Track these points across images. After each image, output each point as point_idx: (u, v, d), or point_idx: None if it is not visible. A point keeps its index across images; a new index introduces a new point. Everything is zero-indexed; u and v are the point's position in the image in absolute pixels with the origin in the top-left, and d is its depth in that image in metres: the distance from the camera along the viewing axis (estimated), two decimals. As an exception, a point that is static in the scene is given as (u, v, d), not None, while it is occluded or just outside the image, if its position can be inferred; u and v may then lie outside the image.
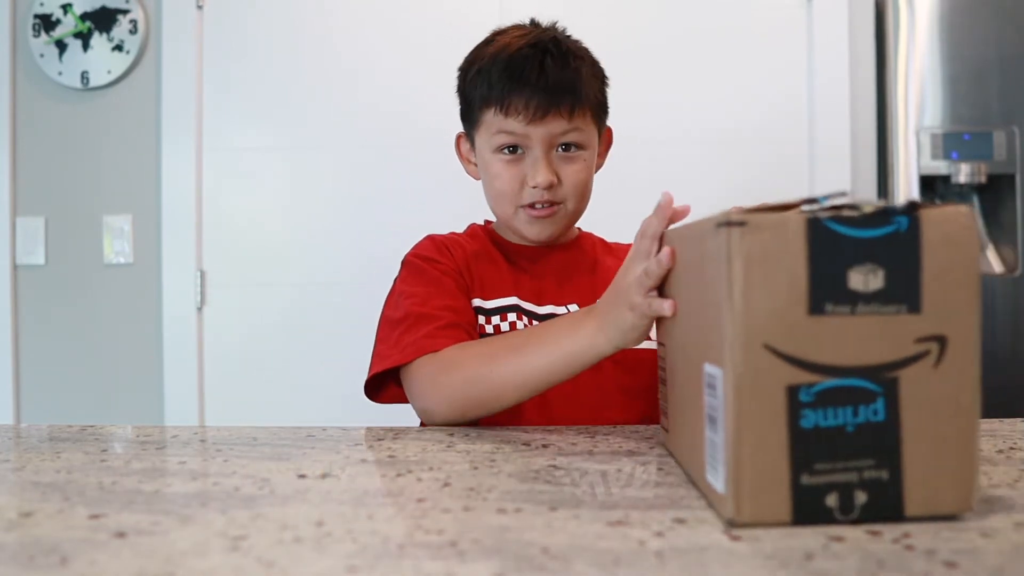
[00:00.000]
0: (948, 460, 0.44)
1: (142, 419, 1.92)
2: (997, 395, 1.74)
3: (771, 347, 0.44)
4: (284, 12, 1.95)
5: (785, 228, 0.43)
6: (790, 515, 0.44)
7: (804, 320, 0.44)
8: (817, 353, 0.44)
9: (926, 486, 0.44)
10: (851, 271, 0.43)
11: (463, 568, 0.39)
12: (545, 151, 0.91)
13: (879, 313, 0.43)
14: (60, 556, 0.41)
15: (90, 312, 1.95)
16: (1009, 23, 1.75)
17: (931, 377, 0.44)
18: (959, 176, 1.74)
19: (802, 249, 0.43)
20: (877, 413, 0.44)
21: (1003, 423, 0.77)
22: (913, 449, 0.44)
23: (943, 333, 0.44)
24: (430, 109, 1.88)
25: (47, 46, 1.93)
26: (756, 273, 0.43)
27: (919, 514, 0.44)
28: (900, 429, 0.44)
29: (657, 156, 1.87)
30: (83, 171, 1.95)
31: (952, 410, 0.44)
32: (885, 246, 0.43)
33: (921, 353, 0.44)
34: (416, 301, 0.89)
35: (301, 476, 0.58)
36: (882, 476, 0.44)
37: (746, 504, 0.44)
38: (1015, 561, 0.40)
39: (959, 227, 0.44)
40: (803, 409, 0.44)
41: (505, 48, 0.92)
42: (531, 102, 0.89)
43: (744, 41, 1.90)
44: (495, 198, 0.95)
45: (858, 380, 0.44)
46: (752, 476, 0.44)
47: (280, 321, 1.94)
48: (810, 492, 0.44)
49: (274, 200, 1.96)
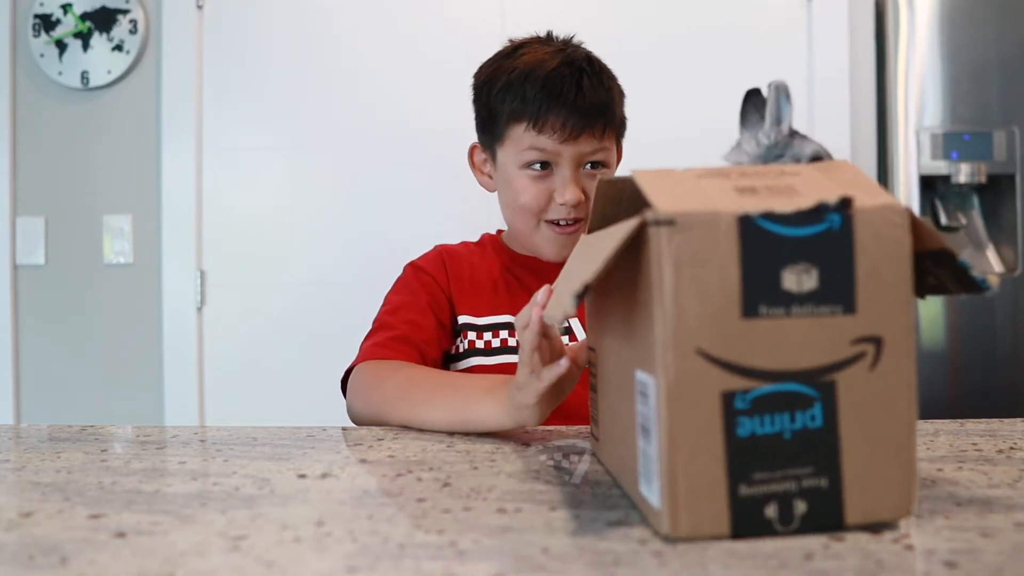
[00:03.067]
0: (886, 466, 0.43)
1: (142, 419, 1.92)
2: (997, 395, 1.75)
3: (704, 352, 0.41)
4: (284, 12, 1.95)
5: (716, 226, 0.41)
6: (728, 528, 0.42)
7: (738, 323, 0.41)
8: (752, 358, 0.41)
9: (865, 493, 0.43)
10: (784, 271, 0.41)
11: (463, 568, 0.39)
12: (574, 169, 0.92)
13: (814, 314, 0.42)
14: (60, 556, 0.41)
15: (90, 312, 1.95)
16: (1009, 23, 1.75)
17: (867, 380, 0.42)
18: (959, 176, 1.74)
19: (734, 248, 0.41)
20: (815, 419, 0.42)
21: (1003, 423, 0.77)
22: (852, 455, 0.42)
23: (878, 334, 0.42)
24: (430, 109, 1.88)
25: (47, 46, 1.93)
26: (686, 275, 0.41)
27: (859, 522, 0.43)
28: (838, 435, 0.42)
29: (657, 156, 1.86)
30: (83, 171, 1.95)
31: (889, 414, 0.43)
32: (818, 244, 0.41)
33: (857, 355, 0.42)
34: (388, 309, 0.96)
35: (301, 476, 0.58)
36: (821, 484, 0.42)
37: (682, 518, 0.42)
38: (1015, 561, 0.40)
39: (891, 225, 0.42)
40: (739, 416, 0.42)
41: (540, 64, 0.92)
42: (568, 121, 0.89)
43: (744, 41, 1.90)
44: (518, 212, 0.95)
45: (795, 385, 0.42)
46: (688, 488, 0.42)
47: (280, 321, 1.94)
48: (748, 503, 0.42)
49: (274, 200, 1.96)
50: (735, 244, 0.41)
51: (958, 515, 0.47)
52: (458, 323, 0.97)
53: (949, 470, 0.58)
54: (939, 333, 1.76)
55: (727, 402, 0.41)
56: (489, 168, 1.00)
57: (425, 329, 0.93)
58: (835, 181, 0.46)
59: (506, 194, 0.97)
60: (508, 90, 0.93)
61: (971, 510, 0.48)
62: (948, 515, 0.47)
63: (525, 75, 0.92)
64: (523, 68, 0.92)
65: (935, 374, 1.76)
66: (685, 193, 0.44)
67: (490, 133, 0.97)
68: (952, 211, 1.81)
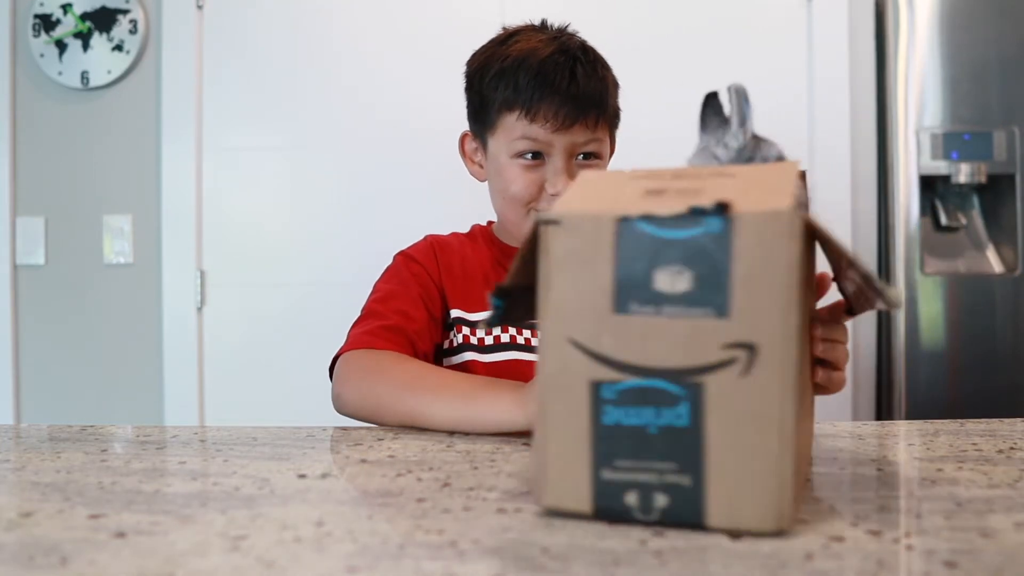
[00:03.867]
0: (754, 474, 0.42)
1: (142, 419, 1.92)
2: (997, 395, 1.75)
3: (577, 343, 0.44)
4: (284, 12, 1.95)
5: (596, 226, 0.44)
6: (590, 507, 0.45)
7: (610, 318, 0.43)
8: (621, 352, 0.43)
9: (730, 498, 0.42)
10: (657, 271, 0.43)
11: (463, 568, 0.39)
12: (566, 159, 0.91)
13: (685, 316, 0.42)
14: (60, 556, 0.41)
15: (90, 312, 1.95)
16: (1009, 23, 1.75)
17: (738, 386, 0.42)
18: (959, 176, 1.74)
19: (610, 248, 0.43)
20: (680, 417, 0.43)
21: (1003, 423, 0.77)
22: (717, 458, 0.42)
23: (752, 341, 0.41)
24: (430, 109, 1.88)
25: (47, 46, 1.93)
26: (567, 270, 0.44)
27: (721, 526, 0.43)
28: (704, 436, 0.42)
29: (656, 155, 1.87)
30: (83, 171, 1.95)
31: (760, 422, 0.42)
32: (694, 247, 0.42)
33: (727, 360, 0.42)
34: (377, 297, 0.95)
35: (301, 476, 0.58)
36: (683, 482, 0.43)
37: (549, 491, 0.46)
38: (1015, 561, 0.40)
39: (776, 232, 0.41)
40: (605, 405, 0.44)
41: (533, 52, 0.90)
42: (560, 111, 0.88)
43: (744, 41, 1.90)
44: (508, 202, 0.94)
45: (660, 382, 0.43)
46: (556, 466, 0.45)
47: (280, 321, 1.94)
48: (610, 487, 0.44)
49: (274, 200, 1.96)
50: (611, 244, 0.43)
51: (958, 515, 0.47)
52: (450, 316, 0.96)
53: (949, 470, 0.58)
54: (939, 333, 1.76)
55: (595, 391, 0.44)
56: (480, 157, 0.99)
57: (416, 321, 0.92)
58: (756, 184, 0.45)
59: (497, 183, 0.96)
60: (501, 78, 0.91)
61: (971, 510, 0.48)
62: (948, 515, 0.47)
63: (518, 63, 0.90)
64: (516, 56, 0.91)
65: (935, 374, 1.76)
66: (596, 194, 0.47)
67: (481, 122, 0.96)
68: (952, 211, 1.81)
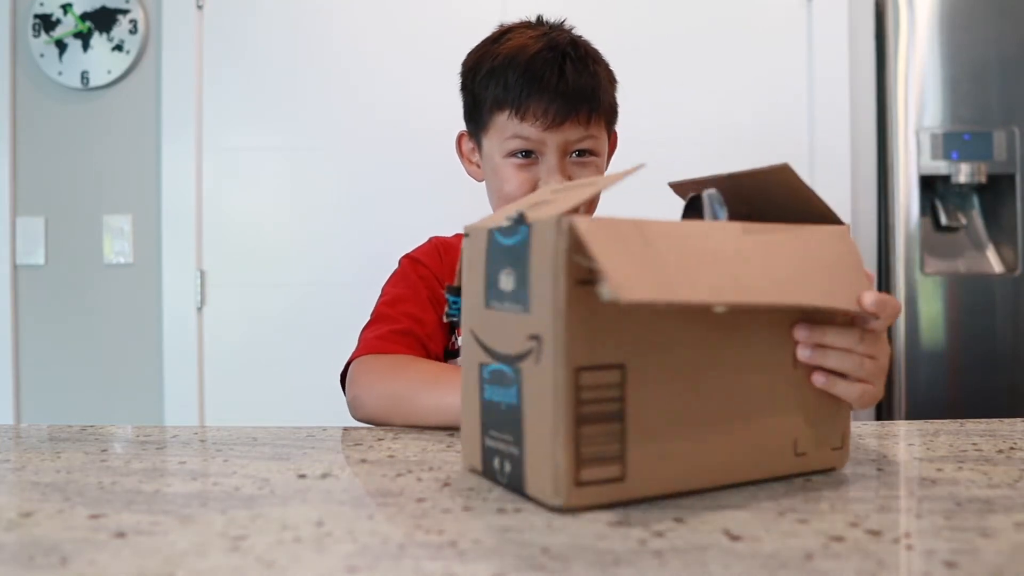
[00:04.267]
0: (545, 455, 0.48)
1: (142, 419, 1.92)
2: (997, 395, 1.75)
3: (472, 332, 0.55)
4: (284, 12, 1.95)
5: (479, 237, 0.54)
6: (480, 467, 0.55)
7: (483, 311, 0.53)
8: (488, 340, 0.53)
9: (536, 473, 0.49)
10: (500, 274, 0.51)
11: (463, 568, 0.39)
12: (559, 157, 0.89)
13: (511, 310, 0.50)
14: (60, 556, 0.41)
15: (90, 312, 1.95)
16: (1009, 23, 1.76)
17: (534, 372, 0.49)
18: (959, 176, 1.74)
19: (483, 254, 0.53)
20: (513, 397, 0.51)
21: (1003, 423, 0.77)
22: (529, 436, 0.49)
23: (539, 333, 0.48)
24: (430, 109, 1.88)
25: (47, 46, 1.93)
26: (469, 272, 0.55)
27: (535, 496, 0.49)
28: (523, 415, 0.50)
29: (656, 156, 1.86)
30: (83, 171, 1.95)
31: (543, 408, 0.48)
32: (516, 253, 0.50)
33: (529, 350, 0.49)
34: (387, 300, 0.95)
35: (301, 476, 0.58)
36: (515, 452, 0.51)
37: (465, 455, 0.57)
38: (1015, 561, 0.40)
39: (554, 236, 0.46)
40: (485, 384, 0.53)
41: (522, 50, 0.89)
42: (550, 108, 0.87)
43: (744, 41, 1.90)
44: (503, 202, 0.94)
45: (504, 366, 0.51)
46: (466, 432, 0.56)
47: (280, 321, 1.94)
48: (488, 452, 0.54)
49: (274, 200, 1.96)
50: (484, 251, 0.53)
51: (958, 515, 0.47)
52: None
53: (949, 470, 0.58)
54: (939, 333, 1.76)
55: (480, 372, 0.54)
56: (477, 157, 0.99)
57: (426, 324, 0.92)
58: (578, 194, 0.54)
59: (492, 183, 0.95)
60: (491, 77, 0.90)
61: (971, 510, 0.48)
62: (948, 515, 0.47)
63: (507, 61, 0.89)
64: (506, 54, 0.90)
65: (935, 374, 1.76)
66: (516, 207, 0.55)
67: (475, 121, 0.96)
68: (952, 211, 1.81)
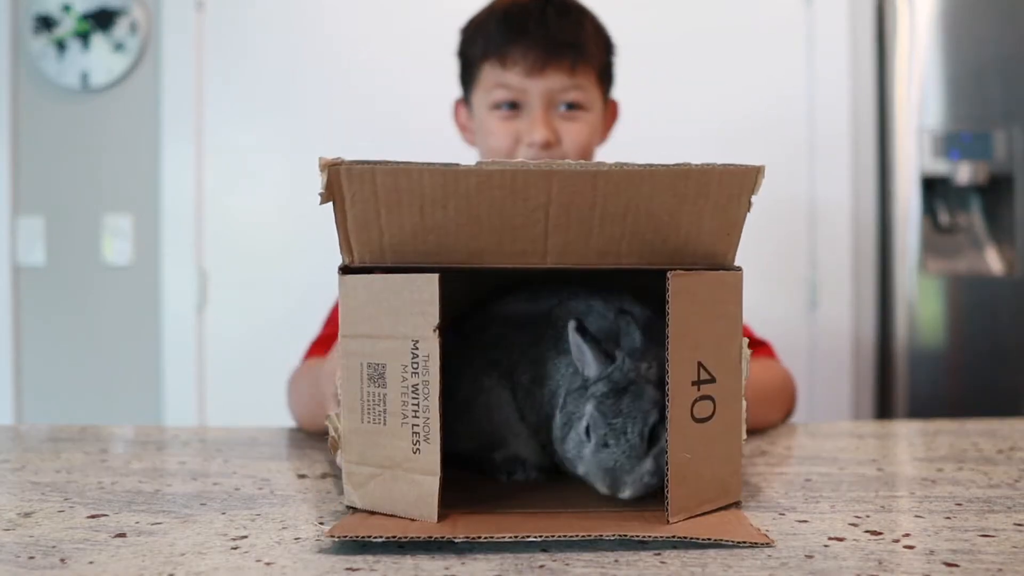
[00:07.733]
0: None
1: (142, 419, 1.92)
2: (997, 395, 1.75)
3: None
4: (284, 12, 1.95)
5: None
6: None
7: None
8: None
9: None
10: None
11: (463, 568, 0.39)
12: (544, 108, 0.87)
13: None
14: (60, 556, 0.41)
15: (90, 312, 1.95)
16: (1009, 23, 1.75)
17: None
18: (959, 176, 1.74)
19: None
20: None
21: (1003, 423, 0.77)
22: None
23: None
24: (430, 109, 1.88)
25: (47, 46, 1.93)
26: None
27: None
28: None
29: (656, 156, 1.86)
30: (83, 171, 1.95)
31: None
32: None
33: None
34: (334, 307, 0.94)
35: (301, 476, 0.58)
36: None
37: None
38: (1015, 561, 0.40)
39: None
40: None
41: (507, 2, 0.89)
42: (530, 53, 0.85)
43: (744, 41, 1.90)
44: (489, 157, 0.91)
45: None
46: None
47: (280, 321, 1.94)
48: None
49: (274, 200, 1.96)
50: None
51: (958, 515, 0.47)
52: None
53: (949, 470, 0.58)
54: (939, 333, 1.76)
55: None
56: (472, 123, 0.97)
57: None
58: None
59: (480, 141, 0.93)
60: (476, 31, 0.90)
61: (971, 510, 0.48)
62: (948, 515, 0.47)
63: (491, 13, 0.89)
64: (491, 8, 0.90)
65: (935, 374, 1.76)
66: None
67: (466, 82, 0.95)
68: (952, 211, 1.81)
